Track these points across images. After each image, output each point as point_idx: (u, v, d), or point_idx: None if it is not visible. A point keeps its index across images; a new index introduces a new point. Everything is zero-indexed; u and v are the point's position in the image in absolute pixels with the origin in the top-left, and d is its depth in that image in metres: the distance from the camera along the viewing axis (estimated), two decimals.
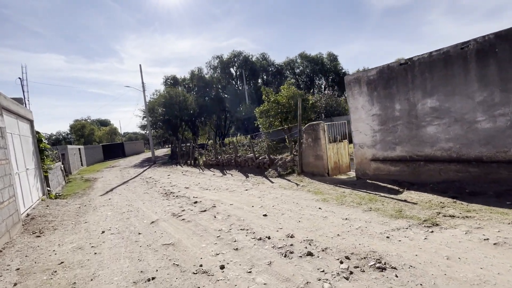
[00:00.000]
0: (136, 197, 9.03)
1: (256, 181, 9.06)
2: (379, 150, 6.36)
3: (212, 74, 42.71)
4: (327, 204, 5.43)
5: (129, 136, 75.67)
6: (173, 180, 12.07)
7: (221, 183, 9.61)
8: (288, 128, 15.70)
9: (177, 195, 8.55)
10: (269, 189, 7.62)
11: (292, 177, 8.66)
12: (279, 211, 5.47)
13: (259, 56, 43.62)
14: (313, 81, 48.11)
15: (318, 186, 6.95)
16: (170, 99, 32.20)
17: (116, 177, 16.22)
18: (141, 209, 7.12)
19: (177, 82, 43.79)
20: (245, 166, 11.56)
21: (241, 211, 5.90)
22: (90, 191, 11.48)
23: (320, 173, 8.08)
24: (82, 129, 56.24)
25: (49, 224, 6.10)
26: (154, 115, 32.70)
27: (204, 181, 10.62)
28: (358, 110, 6.70)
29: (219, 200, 7.17)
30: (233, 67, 42.22)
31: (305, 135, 8.44)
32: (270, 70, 43.59)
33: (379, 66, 6.12)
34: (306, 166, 8.55)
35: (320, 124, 7.92)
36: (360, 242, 3.61)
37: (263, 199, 6.61)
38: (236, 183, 9.20)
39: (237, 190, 8.14)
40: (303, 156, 8.59)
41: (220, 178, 10.76)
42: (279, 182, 8.25)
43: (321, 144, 7.93)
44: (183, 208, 6.71)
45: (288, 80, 15.37)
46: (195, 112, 34.84)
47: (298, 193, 6.67)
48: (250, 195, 7.25)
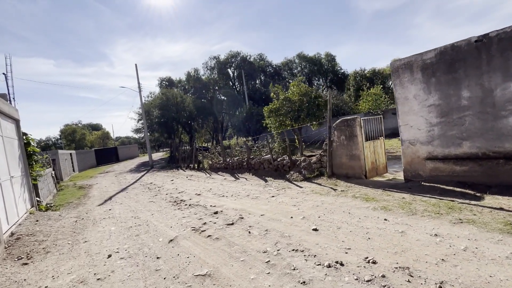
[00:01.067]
0: (141, 206, 7.83)
1: (279, 185, 7.97)
2: (437, 147, 5.37)
3: (209, 75, 41.57)
4: (391, 214, 4.39)
5: (122, 141, 73.59)
6: (179, 186, 10.87)
7: (238, 189, 8.49)
8: (298, 128, 14.71)
9: (190, 203, 7.39)
10: (301, 195, 6.55)
11: (321, 180, 7.61)
12: (332, 224, 4.39)
13: (256, 56, 42.74)
14: (311, 82, 47.46)
15: (363, 191, 5.91)
16: (167, 100, 30.90)
17: (112, 184, 14.87)
18: (151, 223, 5.94)
19: (173, 84, 42.51)
20: (260, 169, 10.45)
21: (279, 223, 4.80)
22: (86, 200, 10.17)
23: (356, 175, 7.06)
24: (73, 134, 54.09)
25: (40, 245, 4.87)
26: (150, 118, 31.32)
27: (216, 187, 9.47)
28: (409, 100, 5.72)
29: (244, 209, 6.05)
30: (231, 67, 41.19)
31: (336, 132, 7.42)
32: (268, 71, 42.73)
33: (439, 47, 5.17)
34: (338, 168, 7.52)
35: (356, 119, 6.91)
36: (487, 272, 2.57)
37: (301, 207, 5.53)
38: (256, 189, 8.09)
39: (261, 196, 7.04)
40: (334, 156, 7.57)
41: (234, 183, 9.62)
42: (309, 187, 7.18)
43: (357, 142, 6.92)
44: (203, 221, 5.58)
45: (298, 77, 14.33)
46: (193, 114, 33.59)
47: (342, 199, 5.62)
48: (280, 202, 6.16)
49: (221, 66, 40.68)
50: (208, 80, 41.37)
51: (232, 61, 41.23)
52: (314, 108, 13.66)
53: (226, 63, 40.67)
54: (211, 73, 41.74)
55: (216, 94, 42.76)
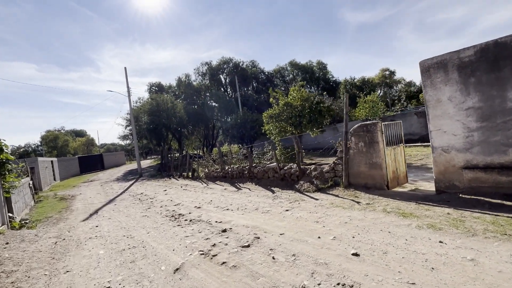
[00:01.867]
0: (133, 222, 6.83)
1: (290, 197, 7.20)
2: (477, 155, 4.80)
3: (200, 81, 40.78)
4: (445, 234, 3.70)
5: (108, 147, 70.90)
6: (174, 197, 9.89)
7: (243, 201, 7.65)
8: (298, 134, 14.09)
9: (190, 218, 6.49)
10: (320, 209, 5.80)
11: (337, 191, 6.91)
12: (374, 247, 3.66)
13: (248, 63, 42.44)
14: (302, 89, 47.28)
15: (393, 204, 5.24)
16: (157, 106, 29.74)
17: (98, 194, 13.63)
18: (148, 244, 5.01)
19: (163, 90, 41.43)
20: (263, 178, 9.66)
21: (307, 246, 4.02)
22: (68, 214, 9.01)
23: (376, 185, 6.41)
24: (55, 140, 51.43)
25: (7, 278, 3.85)
26: (138, 124, 30.00)
27: (217, 198, 8.58)
28: (442, 103, 5.16)
29: (257, 226, 5.23)
30: (223, 74, 40.62)
31: (353, 138, 6.78)
32: (261, 78, 42.42)
33: (479, 44, 4.66)
34: (355, 177, 6.85)
35: (377, 124, 6.30)
36: None
37: (326, 224, 4.78)
38: (265, 201, 7.28)
39: (273, 210, 6.24)
40: (351, 165, 6.91)
41: (236, 194, 8.77)
42: (325, 199, 6.45)
43: (378, 149, 6.30)
44: (211, 241, 4.71)
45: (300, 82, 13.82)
46: (184, 120, 32.50)
47: (372, 215, 4.91)
48: (299, 218, 5.38)
49: (213, 72, 40.03)
50: (200, 86, 40.56)
51: (224, 67, 40.71)
52: (315, 114, 13.12)
53: (218, 69, 40.08)
54: (203, 79, 40.99)
55: (208, 100, 41.96)
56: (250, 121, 24.86)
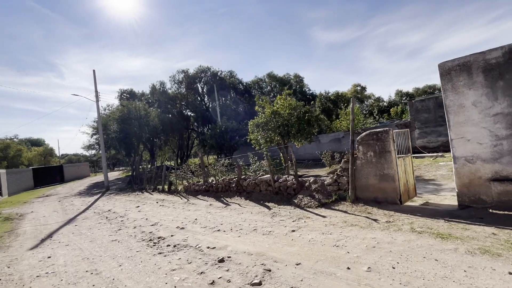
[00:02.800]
0: (99, 250, 5.43)
1: (291, 214, 6.29)
2: (508, 165, 4.35)
3: (176, 89, 39.15)
4: (508, 262, 3.04)
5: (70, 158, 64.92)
6: (150, 215, 8.49)
7: (235, 219, 6.58)
8: (284, 144, 13.42)
9: (174, 243, 5.30)
10: (332, 228, 4.97)
11: (344, 206, 6.16)
12: (429, 283, 2.86)
13: (226, 73, 41.84)
14: None
15: (419, 223, 4.57)
16: (129, 113, 27.60)
17: (54, 212, 11.59)
18: (122, 283, 3.76)
19: (135, 97, 39.06)
20: (254, 192, 8.67)
21: (337, 281, 3.13)
22: (12, 239, 7.20)
23: (388, 199, 5.77)
24: (5, 150, 45.67)
25: None
26: (107, 133, 27.50)
27: (202, 216, 7.41)
28: (465, 108, 4.71)
29: (262, 253, 4.24)
30: (200, 82, 39.46)
31: (361, 147, 6.15)
32: (239, 88, 41.91)
33: (508, 45, 4.30)
34: (363, 191, 6.18)
35: (389, 132, 5.73)
36: None
37: (350, 250, 3.94)
38: (262, 219, 6.29)
39: (275, 231, 5.28)
40: (358, 177, 6.24)
41: (225, 211, 7.66)
42: (335, 216, 5.65)
43: (391, 159, 5.71)
44: (208, 277, 3.63)
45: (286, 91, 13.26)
46: (158, 129, 30.54)
47: (402, 236, 4.17)
48: (311, 241, 4.49)
49: (190, 81, 38.69)
50: (175, 94, 38.92)
51: (201, 76, 39.63)
52: (304, 123, 12.58)
53: (195, 78, 38.86)
54: (179, 87, 39.41)
55: (184, 109, 40.33)
56: (230, 130, 23.88)
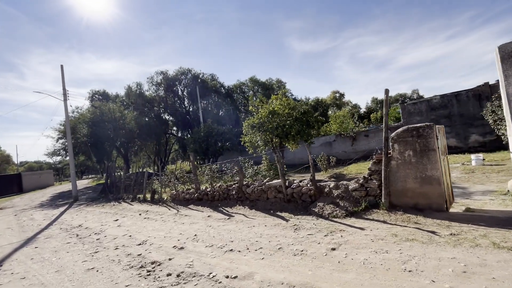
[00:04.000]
0: (71, 285, 3.94)
1: (317, 227, 5.21)
2: None
3: (154, 91, 36.93)
4: None
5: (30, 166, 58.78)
6: (134, 231, 6.97)
7: (247, 234, 5.37)
8: (280, 147, 12.45)
9: (176, 270, 3.98)
10: (382, 244, 3.96)
11: (380, 215, 5.22)
12: None
13: (208, 76, 40.42)
14: None
15: (497, 236, 3.71)
16: (101, 115, 25.15)
17: (8, 229, 9.48)
18: None
19: (108, 99, 36.18)
20: (260, 200, 7.50)
21: None
22: None
23: (433, 206, 4.93)
24: None
25: None
26: (76, 136, 24.77)
27: (203, 231, 6.08)
28: None
29: (309, 284, 3.11)
30: (180, 84, 37.61)
31: (397, 145, 5.29)
32: (221, 92, 40.59)
33: None
34: (400, 196, 5.30)
35: (433, 127, 4.93)
36: None
37: (432, 277, 2.93)
38: (282, 233, 5.14)
39: (309, 250, 4.16)
40: (393, 180, 5.36)
41: (231, 224, 6.39)
42: (376, 228, 4.66)
43: (435, 158, 4.89)
44: None
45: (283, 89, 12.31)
46: (134, 134, 28.22)
47: (492, 255, 3.25)
48: (368, 265, 3.43)
49: (169, 83, 36.72)
50: (153, 96, 36.70)
51: (181, 78, 37.83)
52: (304, 125, 11.72)
53: (175, 80, 36.97)
54: (157, 89, 37.25)
55: (162, 112, 38.11)
56: (215, 134, 22.49)
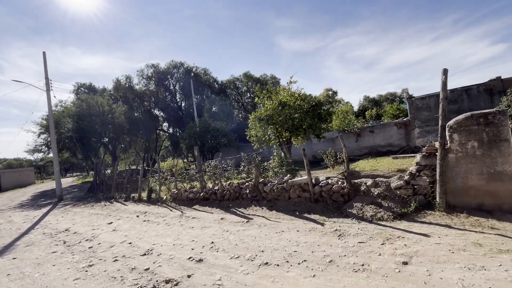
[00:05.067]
0: None
1: (365, 232, 4.33)
2: None
3: (144, 85, 35.22)
4: None
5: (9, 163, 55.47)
6: (134, 237, 5.90)
7: (278, 242, 4.43)
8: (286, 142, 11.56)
9: None
10: (469, 257, 3.11)
11: (436, 217, 4.40)
12: None
13: (201, 70, 39.00)
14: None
15: None
16: (88, 109, 23.47)
17: None
18: None
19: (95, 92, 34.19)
20: (280, 200, 6.57)
21: None
22: None
23: (504, 207, 4.15)
24: None
25: None
26: (59, 131, 22.97)
27: (221, 237, 5.10)
28: None
29: None
30: (172, 78, 36.04)
31: (457, 135, 4.49)
32: (214, 87, 39.26)
33: None
34: (460, 195, 4.50)
35: (505, 113, 4.14)
36: None
37: None
38: (325, 241, 4.23)
39: (373, 264, 3.27)
40: (450, 176, 4.55)
41: (252, 229, 5.42)
42: (444, 234, 3.81)
43: (509, 151, 4.11)
44: None
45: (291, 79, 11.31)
46: (124, 129, 26.62)
47: None
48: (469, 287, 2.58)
49: (160, 76, 35.10)
50: (143, 90, 34.99)
51: (173, 72, 36.26)
52: (315, 118, 10.85)
53: (166, 73, 35.37)
54: (148, 83, 35.54)
55: (153, 107, 36.46)
56: (212, 130, 21.36)
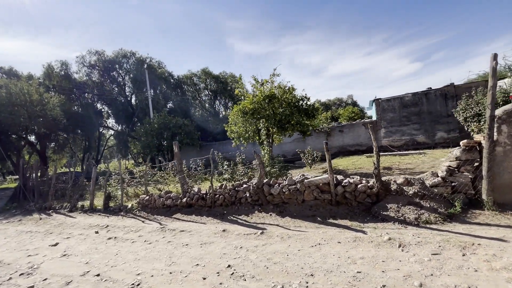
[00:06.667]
0: None
1: (425, 239, 3.57)
2: None
3: (86, 75, 30.38)
4: None
5: None
6: (101, 264, 4.17)
7: (324, 260, 3.39)
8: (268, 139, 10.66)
9: None
10: None
11: (488, 217, 3.91)
12: None
13: (154, 62, 35.60)
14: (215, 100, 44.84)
15: None
16: (9, 97, 18.77)
17: None
18: None
19: (17, 78, 28.06)
20: (291, 204, 5.53)
21: None
22: None
23: None
24: None
25: None
26: None
27: (238, 257, 3.82)
28: None
29: None
30: (121, 69, 31.93)
31: (506, 127, 4.11)
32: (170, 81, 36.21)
33: None
34: (508, 192, 4.13)
35: None
36: None
37: None
38: (385, 254, 3.33)
39: (483, 285, 2.50)
40: (497, 172, 4.16)
41: (274, 243, 4.24)
42: None
43: None
44: None
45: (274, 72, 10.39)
46: (60, 124, 22.18)
47: None
48: None
49: (106, 66, 30.76)
50: (84, 81, 30.17)
51: (122, 62, 32.17)
52: (302, 113, 10.17)
53: (114, 63, 31.16)
54: (90, 72, 30.79)
55: (96, 101, 31.71)
56: (173, 127, 19.15)
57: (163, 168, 10.92)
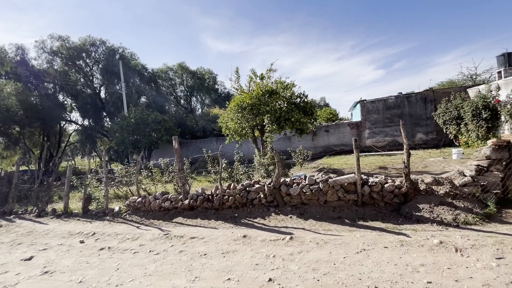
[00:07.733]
0: None
1: (480, 242, 3.39)
2: None
3: (47, 62, 27.26)
4: None
5: None
6: (101, 283, 3.37)
7: (382, 269, 3.01)
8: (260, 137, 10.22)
9: None
10: None
11: None
12: None
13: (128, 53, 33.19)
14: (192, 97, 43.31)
15: None
16: None
17: None
18: None
19: None
20: (312, 205, 5.12)
21: None
22: None
23: None
24: None
25: None
26: None
27: (275, 267, 3.29)
28: None
29: None
30: (89, 58, 29.22)
31: None
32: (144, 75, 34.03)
33: None
34: None
35: None
36: None
37: None
38: (446, 261, 3.03)
39: None
40: None
41: (311, 250, 3.76)
42: None
43: None
44: None
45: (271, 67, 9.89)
46: (16, 116, 19.49)
47: None
48: None
49: (71, 53, 27.87)
50: (45, 68, 27.06)
51: (90, 50, 29.43)
52: (301, 112, 9.84)
53: (81, 51, 28.38)
54: (52, 60, 27.68)
55: (57, 92, 28.61)
56: (151, 122, 17.78)
57: (149, 167, 9.87)
